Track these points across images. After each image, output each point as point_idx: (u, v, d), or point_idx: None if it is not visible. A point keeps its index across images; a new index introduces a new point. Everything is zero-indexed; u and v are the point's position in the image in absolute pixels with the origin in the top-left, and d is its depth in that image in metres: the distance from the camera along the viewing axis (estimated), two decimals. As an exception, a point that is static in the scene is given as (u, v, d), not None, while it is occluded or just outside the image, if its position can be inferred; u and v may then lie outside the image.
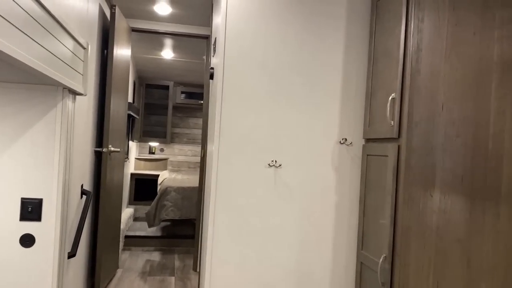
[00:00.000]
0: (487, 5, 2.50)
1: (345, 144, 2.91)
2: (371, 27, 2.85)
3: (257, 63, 2.81)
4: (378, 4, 2.78)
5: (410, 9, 2.43)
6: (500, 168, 2.51)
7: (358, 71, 2.92)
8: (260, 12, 2.81)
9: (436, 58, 2.45)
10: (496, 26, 2.51)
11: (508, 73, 2.51)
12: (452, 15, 2.46)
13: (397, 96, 2.47)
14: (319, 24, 2.87)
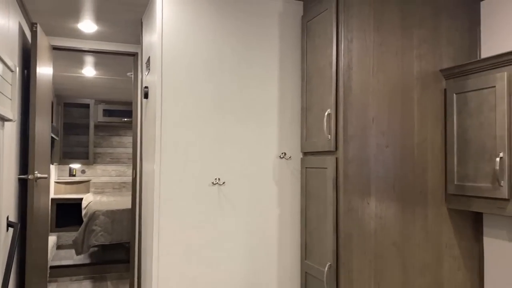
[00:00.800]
0: (406, 26, 2.76)
1: (285, 158, 3.01)
2: (302, 46, 3.00)
3: (196, 81, 2.83)
4: (308, 24, 2.94)
5: (340, 30, 2.61)
6: (425, 174, 2.77)
7: (293, 88, 3.05)
8: (196, 31, 2.83)
9: (365, 76, 2.65)
10: (415, 45, 2.78)
11: (426, 88, 2.79)
12: (377, 35, 2.68)
13: (332, 112, 2.63)
14: (254, 42, 2.96)
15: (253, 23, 2.97)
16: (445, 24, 2.84)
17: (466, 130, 2.64)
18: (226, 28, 2.90)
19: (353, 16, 2.63)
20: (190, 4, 2.82)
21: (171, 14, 2.78)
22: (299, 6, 3.07)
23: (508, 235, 2.72)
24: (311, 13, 2.90)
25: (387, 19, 2.71)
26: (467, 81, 2.64)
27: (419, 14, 2.78)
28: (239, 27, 2.93)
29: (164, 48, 2.78)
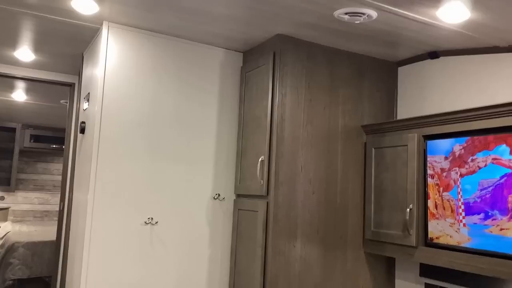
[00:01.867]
0: (333, 85, 3.07)
1: (218, 199, 3.13)
2: (240, 94, 3.20)
3: (134, 121, 2.90)
4: (247, 75, 3.16)
5: (275, 85, 2.84)
6: (346, 220, 3.02)
7: (230, 132, 3.22)
8: (139, 73, 2.92)
9: (296, 127, 2.88)
10: (340, 102, 3.09)
11: (349, 141, 3.09)
12: (307, 92, 2.95)
13: (265, 159, 2.82)
14: (195, 87, 3.11)
15: (194, 69, 3.12)
16: (367, 85, 3.19)
17: (382, 181, 2.94)
18: (168, 71, 3.02)
19: (287, 73, 2.88)
20: (134, 47, 2.92)
21: (115, 54, 2.86)
22: (239, 57, 3.29)
23: (416, 278, 3.03)
24: (250, 65, 3.12)
25: (317, 78, 2.99)
26: (384, 138, 2.96)
27: (345, 75, 3.10)
28: (181, 72, 3.07)
29: (106, 88, 2.83)
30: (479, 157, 2.34)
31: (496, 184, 2.24)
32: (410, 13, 2.26)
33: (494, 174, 2.27)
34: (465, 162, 2.41)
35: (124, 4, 2.50)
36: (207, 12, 2.53)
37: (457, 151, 2.47)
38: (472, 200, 2.37)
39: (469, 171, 2.39)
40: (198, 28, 2.84)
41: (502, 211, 2.23)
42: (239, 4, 2.39)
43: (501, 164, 2.23)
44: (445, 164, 2.56)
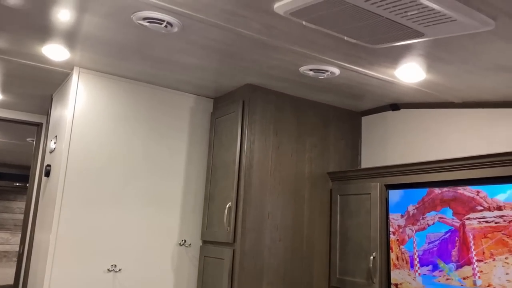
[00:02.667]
0: (300, 133, 3.16)
1: (184, 245, 3.11)
2: (210, 140, 3.25)
3: (103, 166, 2.88)
4: (217, 121, 3.22)
5: (244, 132, 2.91)
6: (312, 267, 3.05)
7: (198, 177, 3.24)
8: (108, 116, 2.94)
9: (264, 174, 2.94)
10: (307, 149, 3.18)
11: (315, 187, 3.16)
12: (275, 139, 3.03)
13: (233, 205, 2.84)
14: (165, 131, 3.14)
15: (164, 114, 3.16)
16: (333, 133, 3.31)
17: (347, 228, 3.01)
18: (138, 116, 3.05)
19: (256, 121, 2.96)
20: (104, 91, 2.95)
21: (84, 98, 2.88)
22: (210, 103, 3.36)
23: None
24: (220, 112, 3.19)
25: (285, 126, 3.08)
26: (349, 186, 3.05)
27: (311, 124, 3.21)
28: (151, 117, 3.10)
29: (74, 131, 2.83)
30: (428, 216, 2.60)
31: (441, 239, 2.50)
32: (370, 72, 2.40)
33: (440, 230, 2.52)
34: (417, 220, 2.65)
35: (95, 52, 2.55)
36: (178, 62, 2.61)
37: (411, 210, 2.68)
38: (422, 252, 2.59)
39: (420, 227, 2.63)
40: (169, 76, 2.91)
41: (447, 262, 2.43)
42: (209, 57, 2.47)
43: (446, 222, 2.50)
44: (401, 221, 2.71)
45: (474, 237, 2.33)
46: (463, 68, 2.09)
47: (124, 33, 2.22)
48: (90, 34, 2.27)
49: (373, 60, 2.21)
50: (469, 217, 2.37)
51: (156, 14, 1.94)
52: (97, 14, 2.01)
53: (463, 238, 2.38)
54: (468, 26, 1.51)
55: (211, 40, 2.22)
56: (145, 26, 2.08)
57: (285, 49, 2.23)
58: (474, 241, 2.33)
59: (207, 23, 1.99)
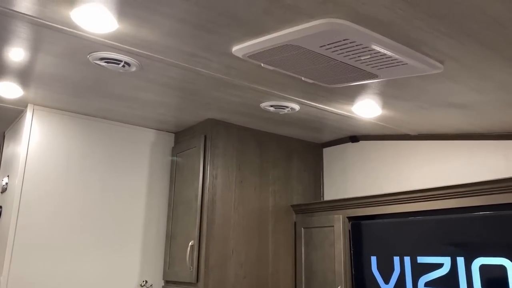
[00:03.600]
0: (263, 166, 3.16)
1: (146, 286, 3.00)
2: (171, 175, 3.20)
3: (58, 207, 2.76)
4: (178, 156, 3.18)
5: (206, 167, 2.88)
6: (278, 303, 3.00)
7: (159, 214, 3.16)
8: (64, 154, 2.84)
9: (227, 210, 2.90)
10: (270, 182, 3.18)
11: (279, 221, 3.15)
12: (238, 173, 3.01)
13: (195, 243, 2.78)
14: (124, 168, 3.06)
15: (123, 150, 3.09)
16: (295, 165, 3.33)
17: (312, 262, 3.00)
18: (96, 153, 2.97)
19: (218, 155, 2.94)
20: (60, 129, 2.86)
21: (39, 136, 2.77)
22: (171, 137, 3.32)
23: None
24: (182, 147, 3.15)
25: (248, 160, 3.08)
26: (312, 218, 3.06)
27: (274, 156, 3.22)
28: (109, 153, 3.03)
29: (27, 169, 2.71)
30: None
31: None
32: (329, 107, 2.45)
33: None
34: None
35: (50, 90, 2.48)
36: (137, 98, 2.57)
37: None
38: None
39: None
40: (127, 112, 2.86)
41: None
42: (169, 94, 2.45)
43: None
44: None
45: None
46: (416, 104, 2.17)
47: (80, 72, 2.18)
48: (45, 72, 2.21)
49: (331, 98, 2.26)
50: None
51: (113, 54, 1.92)
52: (52, 54, 1.96)
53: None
54: (418, 69, 1.57)
55: (170, 78, 2.20)
56: (102, 66, 2.04)
57: (245, 87, 2.25)
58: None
59: (166, 63, 1.99)
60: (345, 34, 1.36)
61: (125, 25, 1.61)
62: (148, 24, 1.58)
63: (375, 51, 1.46)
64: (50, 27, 1.67)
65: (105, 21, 1.58)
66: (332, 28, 1.33)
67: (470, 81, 1.67)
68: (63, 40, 1.80)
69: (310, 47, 1.51)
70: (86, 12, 1.52)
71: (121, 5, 1.45)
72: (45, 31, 1.72)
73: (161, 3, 1.40)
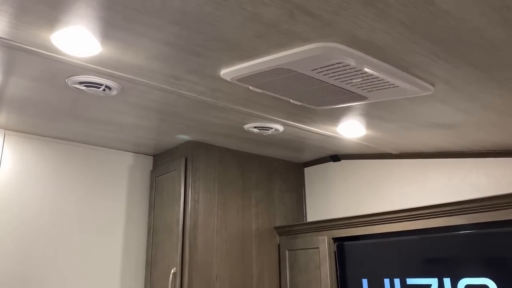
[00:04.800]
0: (245, 188, 3.11)
1: (126, 317, 2.86)
2: (150, 199, 3.09)
3: (31, 237, 2.61)
4: (157, 179, 3.08)
5: (188, 191, 2.80)
6: (264, 329, 2.91)
7: (139, 240, 3.04)
8: (37, 180, 2.70)
9: (210, 234, 2.82)
10: (253, 204, 3.12)
11: (263, 243, 3.09)
12: (220, 196, 2.94)
13: (177, 270, 2.68)
14: (101, 192, 2.94)
15: (101, 174, 2.97)
16: (277, 185, 3.29)
17: (297, 285, 2.93)
18: (71, 178, 2.84)
19: (199, 178, 2.86)
20: (33, 154, 2.72)
21: (11, 163, 2.63)
22: (149, 160, 3.22)
23: None
24: (161, 170, 3.06)
25: (230, 181, 3.01)
26: (296, 240, 3.01)
27: (256, 178, 3.17)
28: (85, 178, 2.90)
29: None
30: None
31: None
32: (313, 128, 2.43)
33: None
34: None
35: (23, 114, 2.36)
36: (115, 122, 2.48)
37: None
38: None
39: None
40: (104, 135, 2.75)
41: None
42: (149, 117, 2.38)
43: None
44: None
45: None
46: (401, 125, 2.18)
47: (57, 96, 2.08)
48: (18, 96, 2.09)
49: (316, 119, 2.24)
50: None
51: (94, 78, 1.84)
52: (27, 77, 1.86)
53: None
54: (409, 92, 1.57)
55: (152, 101, 2.13)
56: (81, 90, 1.96)
57: (229, 109, 2.20)
58: (423, 292, 2.34)
59: (149, 86, 1.92)
60: (338, 57, 1.34)
61: (109, 49, 1.55)
62: (133, 47, 1.52)
63: (367, 74, 1.45)
64: (27, 50, 1.58)
65: (87, 45, 1.51)
66: (326, 52, 1.31)
67: (458, 103, 1.68)
68: (40, 63, 1.71)
69: (301, 71, 1.48)
70: (67, 35, 1.44)
71: (105, 28, 1.39)
72: (20, 54, 1.63)
73: (149, 26, 1.35)
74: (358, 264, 2.68)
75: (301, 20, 1.17)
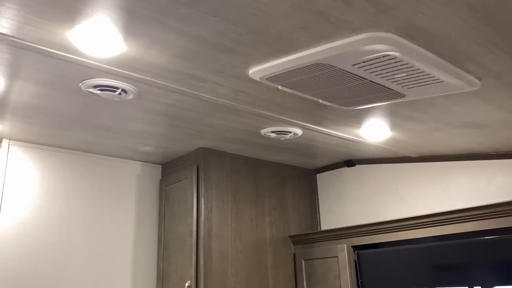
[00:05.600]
0: (258, 196, 2.99)
1: (137, 335, 2.71)
2: (160, 210, 2.96)
3: (37, 251, 2.45)
4: (167, 189, 2.95)
5: (200, 199, 2.67)
6: None
7: (149, 252, 2.90)
8: (43, 191, 2.55)
9: (224, 245, 2.69)
10: (266, 213, 2.99)
11: (278, 253, 2.96)
12: (234, 205, 2.82)
13: (192, 283, 2.54)
14: (108, 205, 2.79)
15: (108, 184, 2.83)
16: (290, 193, 3.17)
17: (316, 296, 2.81)
18: (78, 189, 2.69)
19: (212, 187, 2.74)
20: (39, 164, 2.57)
21: (16, 173, 2.48)
22: (158, 169, 3.09)
23: None
24: (171, 179, 2.93)
25: (243, 189, 2.89)
26: (313, 249, 2.89)
27: (268, 185, 3.05)
28: (93, 188, 2.75)
29: (3, 212, 2.40)
30: None
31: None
32: (334, 131, 2.33)
33: None
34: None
35: (29, 123, 2.22)
36: (125, 129, 2.35)
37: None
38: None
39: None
40: (112, 144, 2.62)
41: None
42: (161, 122, 2.25)
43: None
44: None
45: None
46: (431, 126, 2.08)
47: (67, 102, 1.95)
48: (24, 103, 1.96)
49: (340, 121, 2.14)
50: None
51: (110, 81, 1.71)
52: (35, 82, 1.73)
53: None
54: (453, 87, 1.48)
55: (167, 106, 2.01)
56: (94, 94, 1.83)
57: (248, 113, 2.09)
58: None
59: (167, 88, 1.80)
60: (387, 49, 1.24)
61: (132, 46, 1.43)
62: (158, 44, 1.41)
63: (413, 68, 1.35)
64: (39, 50, 1.45)
65: (109, 42, 1.39)
66: (375, 43, 1.21)
67: (503, 100, 1.59)
68: (52, 66, 1.59)
69: (341, 66, 1.38)
70: (87, 31, 1.32)
71: (131, 22, 1.27)
72: (29, 55, 1.50)
73: (182, 18, 1.24)
74: (381, 273, 2.56)
75: (357, 6, 1.07)
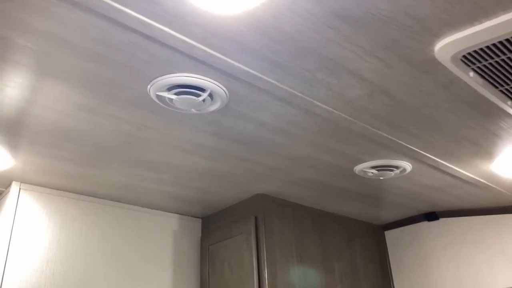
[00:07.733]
0: (326, 257, 2.37)
1: None
2: (203, 273, 2.30)
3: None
4: (211, 248, 2.32)
5: (262, 261, 2.05)
6: None
7: (188, 335, 2.20)
8: (60, 247, 1.89)
9: (295, 322, 2.03)
10: (337, 280, 2.36)
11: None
12: (301, 269, 2.19)
13: None
14: (137, 266, 2.13)
15: (143, 242, 2.19)
16: (359, 254, 2.56)
17: None
18: (101, 246, 2.04)
19: (275, 245, 2.13)
20: (56, 213, 1.94)
21: (27, 223, 1.84)
22: (197, 223, 2.47)
23: None
24: (217, 236, 2.31)
25: (309, 248, 2.29)
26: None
27: (336, 244, 2.44)
28: (125, 244, 2.11)
29: (8, 268, 1.74)
30: None
31: None
32: (461, 170, 1.78)
33: None
34: None
35: (51, 156, 1.62)
36: (175, 165, 1.77)
37: None
38: None
39: None
40: (151, 188, 2.02)
41: None
42: (231, 154, 1.69)
43: None
44: None
45: None
46: None
47: (116, 122, 1.39)
48: (50, 124, 1.40)
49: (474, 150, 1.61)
50: None
51: (198, 78, 1.18)
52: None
53: None
54: None
55: (256, 125, 1.46)
56: (165, 102, 1.29)
57: (359, 136, 1.55)
58: None
59: (273, 93, 1.27)
60: None
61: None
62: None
63: None
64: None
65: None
66: None
67: None
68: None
69: None
70: None
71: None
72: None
73: None
74: None
75: None
